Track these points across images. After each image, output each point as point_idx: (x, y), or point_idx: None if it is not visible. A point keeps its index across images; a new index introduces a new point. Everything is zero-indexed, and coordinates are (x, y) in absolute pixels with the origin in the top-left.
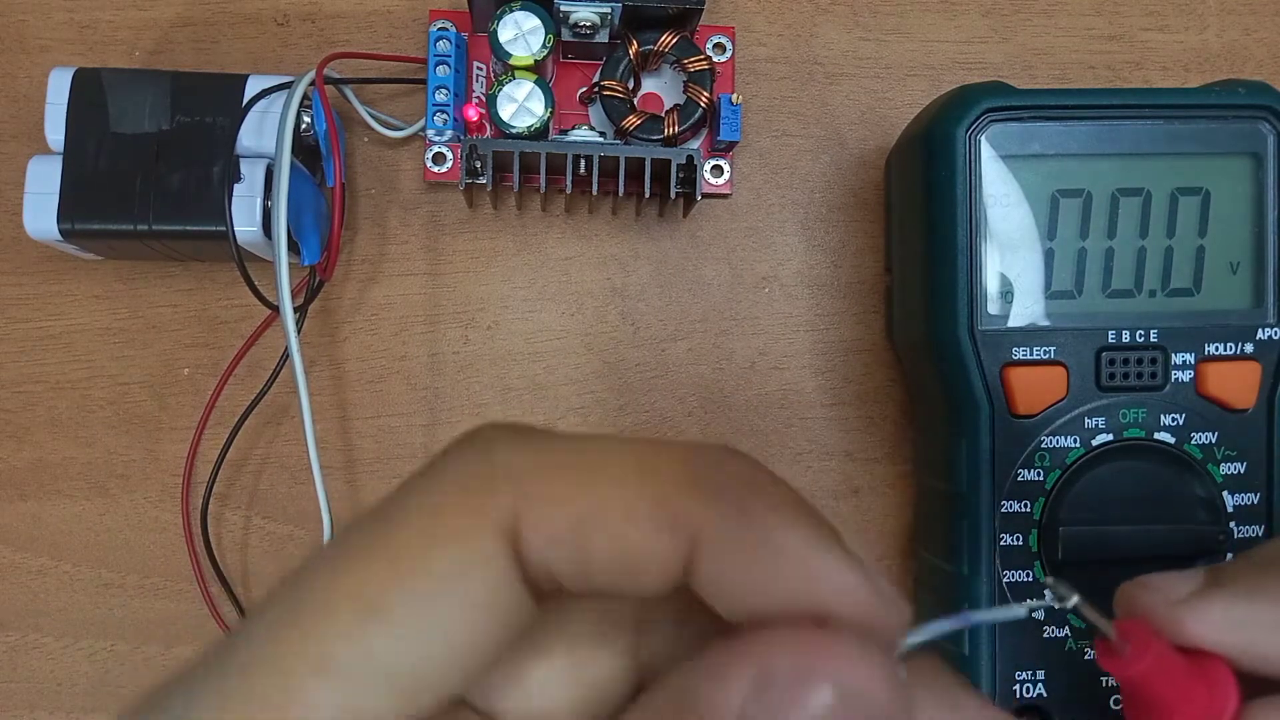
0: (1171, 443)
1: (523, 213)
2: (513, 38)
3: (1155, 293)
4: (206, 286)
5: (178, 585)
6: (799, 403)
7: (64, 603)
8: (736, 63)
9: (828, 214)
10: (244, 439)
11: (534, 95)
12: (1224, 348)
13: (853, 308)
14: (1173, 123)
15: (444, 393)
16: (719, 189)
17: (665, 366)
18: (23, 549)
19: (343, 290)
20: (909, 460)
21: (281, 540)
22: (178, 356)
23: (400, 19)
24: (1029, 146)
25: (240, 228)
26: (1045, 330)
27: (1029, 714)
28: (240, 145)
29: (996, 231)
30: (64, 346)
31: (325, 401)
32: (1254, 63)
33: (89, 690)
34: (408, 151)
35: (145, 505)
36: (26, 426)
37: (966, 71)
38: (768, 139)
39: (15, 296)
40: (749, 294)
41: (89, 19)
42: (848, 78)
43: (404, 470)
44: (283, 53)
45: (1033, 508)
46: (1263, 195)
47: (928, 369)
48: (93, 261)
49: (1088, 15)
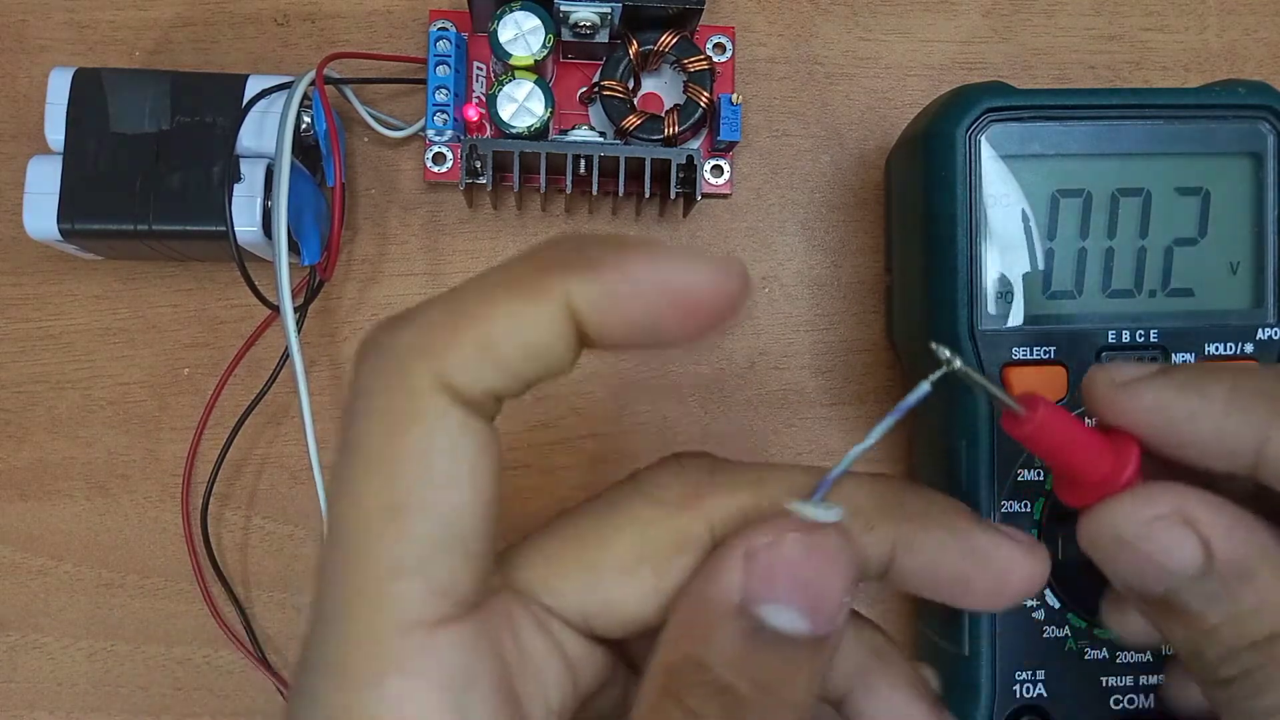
0: None
1: (523, 213)
2: (513, 38)
3: (1155, 293)
4: (206, 286)
5: (178, 585)
6: (799, 403)
7: (64, 603)
8: (736, 63)
9: (828, 214)
10: (244, 439)
11: (534, 95)
12: (1224, 348)
13: (853, 308)
14: (1173, 123)
15: None
16: (719, 189)
17: (665, 366)
18: (23, 549)
19: (343, 290)
20: (909, 460)
21: (281, 540)
22: (178, 356)
23: (400, 19)
24: (1029, 146)
25: (240, 228)
26: (1045, 330)
27: (1029, 714)
28: (240, 145)
29: (996, 231)
30: (64, 346)
31: (325, 401)
32: (1254, 63)
33: (89, 690)
34: (408, 151)
35: (145, 505)
36: (26, 426)
37: (966, 71)
38: (768, 139)
39: (15, 296)
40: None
41: (89, 19)
42: (848, 78)
43: None
44: (283, 53)
45: (1033, 508)
46: (1263, 195)
47: (928, 369)
48: (93, 261)
49: (1088, 15)
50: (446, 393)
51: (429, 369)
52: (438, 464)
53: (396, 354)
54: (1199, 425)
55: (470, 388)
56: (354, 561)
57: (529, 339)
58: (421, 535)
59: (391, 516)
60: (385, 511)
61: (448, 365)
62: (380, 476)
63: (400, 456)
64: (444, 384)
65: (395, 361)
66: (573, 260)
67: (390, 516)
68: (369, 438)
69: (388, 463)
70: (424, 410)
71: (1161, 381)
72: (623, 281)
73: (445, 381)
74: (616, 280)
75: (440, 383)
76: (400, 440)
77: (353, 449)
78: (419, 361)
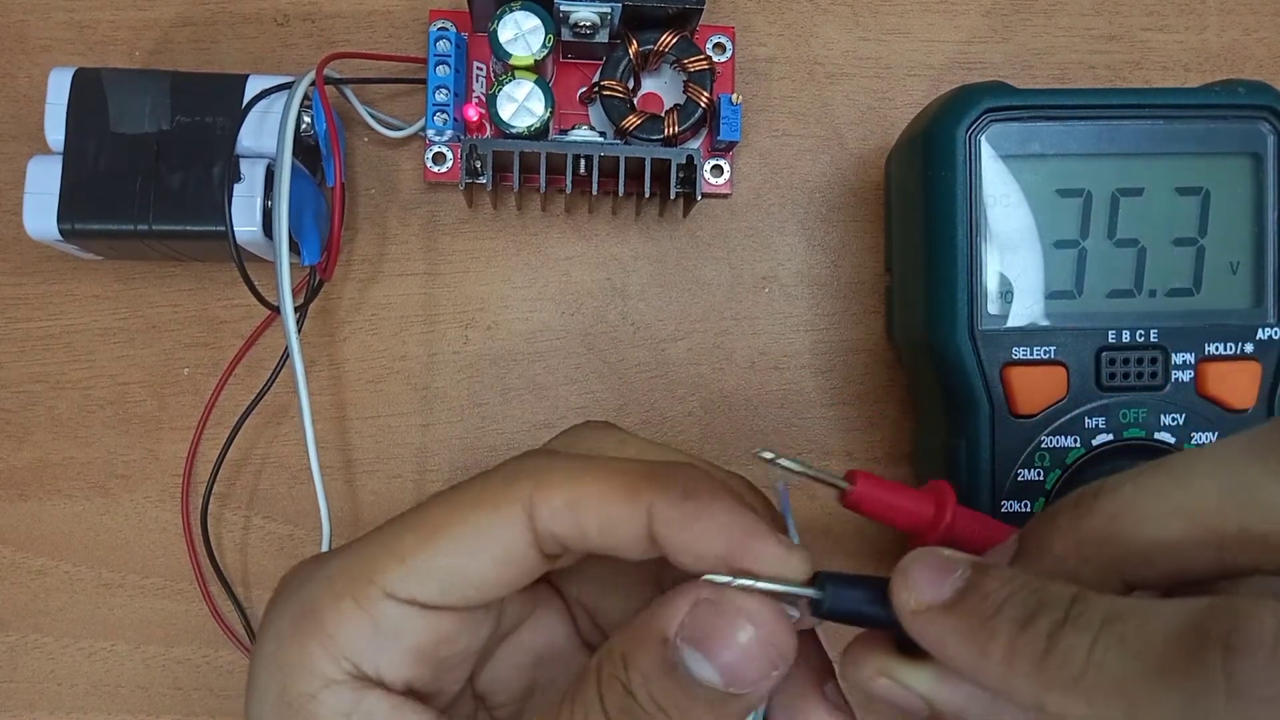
0: (1172, 443)
1: (523, 213)
2: (513, 38)
3: (1155, 293)
4: (206, 286)
5: (178, 585)
6: (799, 403)
7: (64, 603)
8: (736, 63)
9: (828, 214)
10: (244, 439)
11: (534, 95)
12: (1224, 348)
13: (853, 308)
14: (1173, 123)
15: (444, 393)
16: (719, 189)
17: (665, 366)
18: (23, 549)
19: (343, 290)
20: (909, 460)
21: (281, 540)
22: (178, 356)
23: (400, 19)
24: (1029, 146)
25: (240, 228)
26: (1045, 330)
27: None
28: (240, 145)
29: (996, 231)
30: (64, 346)
31: (325, 401)
32: (1254, 63)
33: (89, 690)
34: (408, 151)
35: (145, 505)
36: (26, 426)
37: (966, 71)
38: (768, 139)
39: (15, 296)
40: (749, 294)
41: (89, 19)
42: (848, 78)
43: (404, 470)
44: (283, 53)
45: (1033, 508)
46: (1263, 195)
47: (928, 369)
48: (93, 261)
49: (1088, 15)
50: (527, 511)
51: (530, 490)
52: (476, 539)
53: (521, 467)
54: (979, 679)
55: (544, 522)
56: (385, 532)
57: (607, 518)
58: (431, 556)
59: (425, 532)
60: (425, 528)
61: (542, 497)
62: (441, 511)
63: (463, 515)
64: (530, 506)
65: (517, 470)
66: (661, 485)
67: (424, 532)
68: (460, 494)
69: (452, 511)
70: (504, 505)
71: (945, 625)
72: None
73: (532, 505)
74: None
75: (529, 504)
76: (473, 506)
77: (449, 491)
78: (527, 483)
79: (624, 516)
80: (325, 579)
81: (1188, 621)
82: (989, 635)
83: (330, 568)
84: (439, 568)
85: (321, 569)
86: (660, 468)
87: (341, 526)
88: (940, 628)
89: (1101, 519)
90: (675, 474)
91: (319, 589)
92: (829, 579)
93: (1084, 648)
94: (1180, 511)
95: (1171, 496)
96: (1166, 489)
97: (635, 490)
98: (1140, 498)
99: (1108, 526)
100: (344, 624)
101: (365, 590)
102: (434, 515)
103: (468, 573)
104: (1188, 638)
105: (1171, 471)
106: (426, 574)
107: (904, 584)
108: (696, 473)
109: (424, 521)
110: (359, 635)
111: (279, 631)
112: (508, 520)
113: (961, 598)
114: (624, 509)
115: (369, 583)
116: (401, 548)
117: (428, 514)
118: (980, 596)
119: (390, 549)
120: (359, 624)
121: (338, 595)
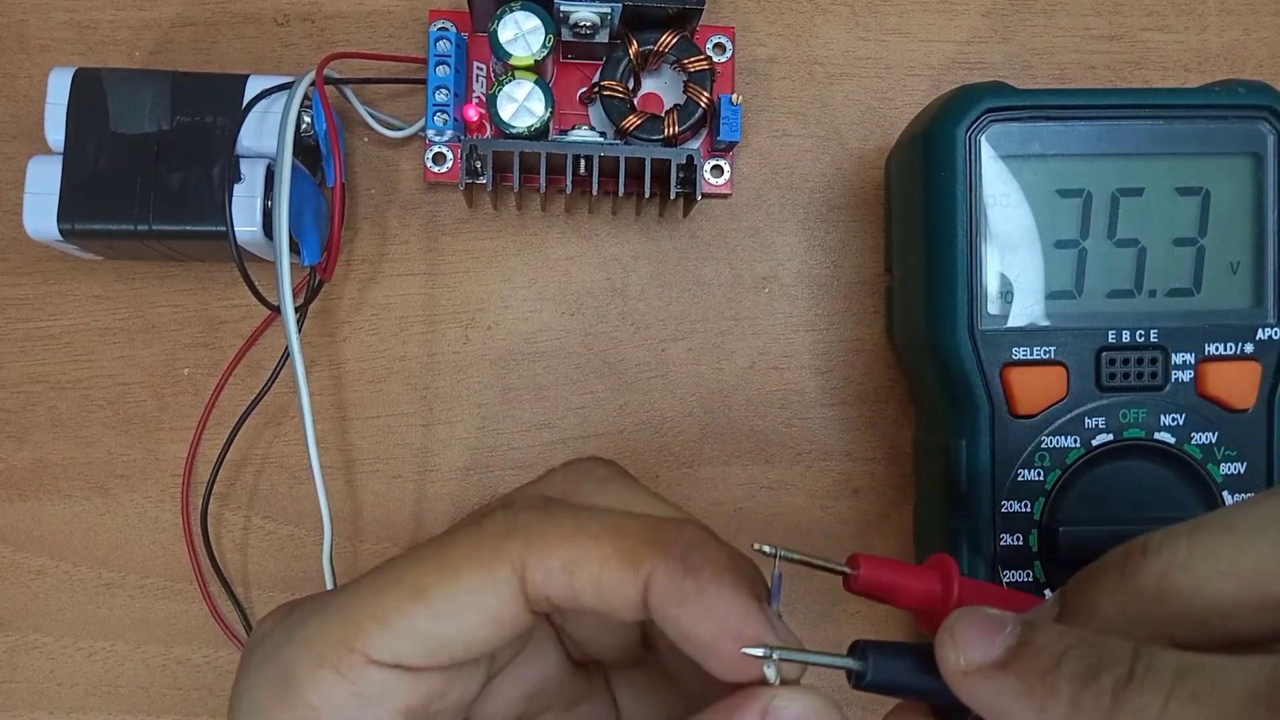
0: (1172, 443)
1: (523, 213)
2: (513, 38)
3: (1155, 293)
4: (206, 286)
5: (178, 585)
6: (799, 403)
7: (64, 603)
8: (736, 63)
9: (828, 214)
10: (244, 439)
11: (534, 95)
12: (1224, 348)
13: (853, 308)
14: (1173, 123)
15: (444, 393)
16: (719, 189)
17: (665, 366)
18: (23, 549)
19: (343, 290)
20: (909, 460)
21: (281, 540)
22: (178, 356)
23: (400, 19)
24: (1029, 146)
25: (240, 228)
26: (1045, 330)
27: None
28: (240, 145)
29: (996, 231)
30: (64, 346)
31: (325, 401)
32: (1254, 63)
33: (89, 690)
34: (408, 151)
35: (145, 505)
36: (26, 426)
37: (966, 71)
38: (768, 139)
39: (15, 296)
40: (749, 294)
41: (89, 19)
42: (848, 78)
43: (404, 470)
44: (283, 53)
45: (1033, 508)
46: (1263, 195)
47: (928, 369)
48: (93, 261)
49: (1088, 15)
50: (517, 570)
51: (522, 550)
52: (465, 600)
53: (514, 522)
54: None
55: (535, 584)
56: (367, 591)
57: (603, 583)
58: (415, 618)
59: (410, 591)
60: (410, 586)
61: (534, 558)
62: (427, 568)
63: (451, 573)
64: (521, 565)
65: (509, 526)
66: (661, 550)
67: (409, 591)
68: (447, 549)
69: (440, 568)
70: (494, 564)
71: (1000, 684)
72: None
73: (523, 564)
74: (690, 588)
75: (520, 563)
76: (460, 564)
77: (435, 545)
78: (519, 541)
79: (621, 583)
80: (303, 642)
81: (1270, 678)
82: (1048, 693)
83: (308, 628)
84: (424, 630)
85: (300, 628)
86: (662, 530)
87: (342, 526)
88: (994, 688)
89: (1152, 578)
90: (677, 540)
91: (296, 654)
92: (870, 648)
93: (1156, 705)
94: (1238, 573)
95: (1228, 557)
96: (1222, 550)
97: (635, 557)
98: (1195, 557)
99: (1159, 585)
100: (326, 696)
101: (346, 659)
102: (419, 572)
103: (454, 634)
104: (1271, 694)
105: (1227, 530)
106: (410, 637)
107: (951, 645)
108: (698, 538)
109: (408, 579)
110: (344, 706)
111: (257, 702)
112: (498, 581)
113: (1015, 655)
114: (621, 576)
115: (349, 650)
116: (383, 608)
117: (413, 570)
118: (1035, 653)
119: (371, 610)
120: (342, 695)
121: (316, 663)
